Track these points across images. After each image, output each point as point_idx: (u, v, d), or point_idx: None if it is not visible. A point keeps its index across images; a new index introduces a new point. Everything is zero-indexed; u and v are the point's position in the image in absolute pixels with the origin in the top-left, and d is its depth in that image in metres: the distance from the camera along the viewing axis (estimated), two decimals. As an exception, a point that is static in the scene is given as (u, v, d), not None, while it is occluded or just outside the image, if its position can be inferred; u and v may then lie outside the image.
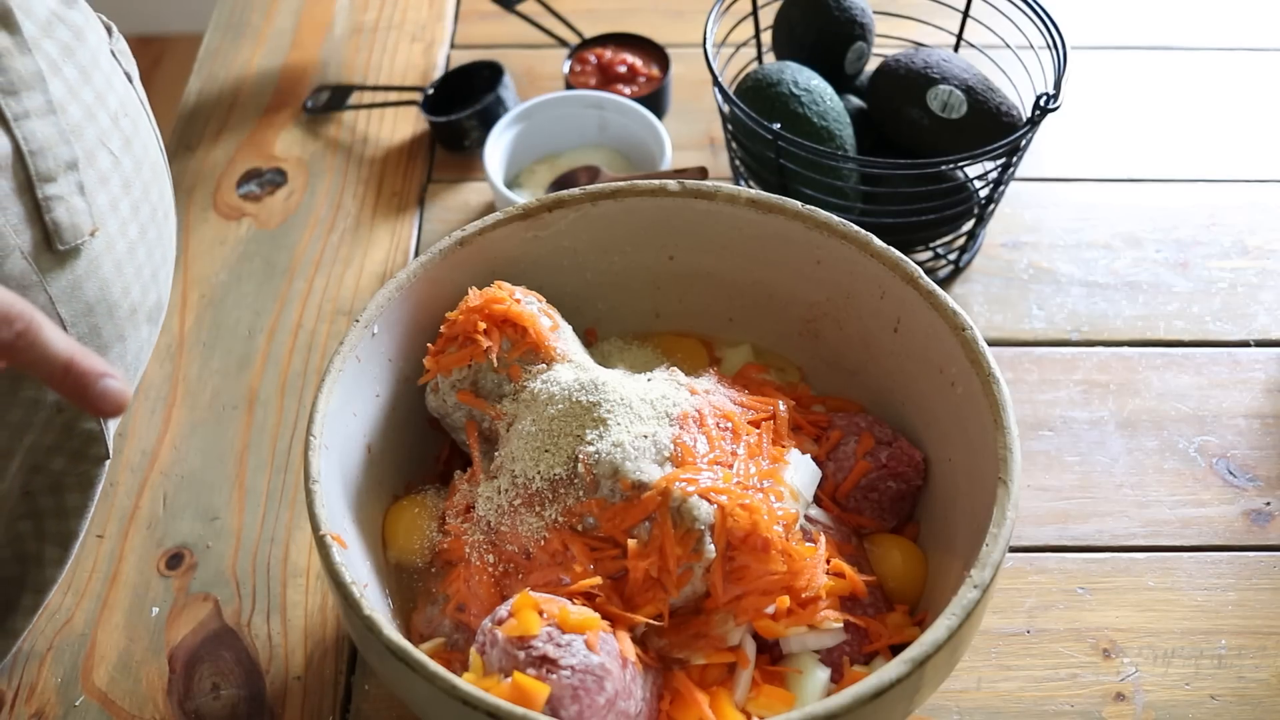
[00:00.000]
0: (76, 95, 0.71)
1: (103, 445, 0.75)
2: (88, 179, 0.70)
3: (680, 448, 0.70)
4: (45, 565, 0.77)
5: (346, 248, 1.09)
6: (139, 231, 0.75)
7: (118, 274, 0.73)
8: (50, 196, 0.68)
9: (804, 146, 0.93)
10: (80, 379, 0.53)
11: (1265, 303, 1.05)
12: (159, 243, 0.78)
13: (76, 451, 0.75)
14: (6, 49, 0.66)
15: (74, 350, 0.53)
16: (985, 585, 0.62)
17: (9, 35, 0.66)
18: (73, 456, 0.75)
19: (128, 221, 0.74)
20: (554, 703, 0.60)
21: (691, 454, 0.70)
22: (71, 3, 0.73)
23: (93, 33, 0.75)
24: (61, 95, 0.69)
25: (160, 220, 0.79)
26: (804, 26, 1.06)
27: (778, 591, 0.68)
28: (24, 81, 0.67)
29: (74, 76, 0.71)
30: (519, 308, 0.76)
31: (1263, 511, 0.90)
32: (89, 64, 0.72)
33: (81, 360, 0.53)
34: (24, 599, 0.78)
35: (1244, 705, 0.79)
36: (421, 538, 0.76)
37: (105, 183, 0.72)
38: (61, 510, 0.76)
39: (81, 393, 0.54)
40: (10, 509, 0.74)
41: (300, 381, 0.98)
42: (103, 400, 0.54)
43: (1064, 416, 0.96)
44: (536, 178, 1.13)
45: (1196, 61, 1.30)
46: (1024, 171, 1.15)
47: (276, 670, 0.80)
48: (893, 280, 0.77)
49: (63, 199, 0.68)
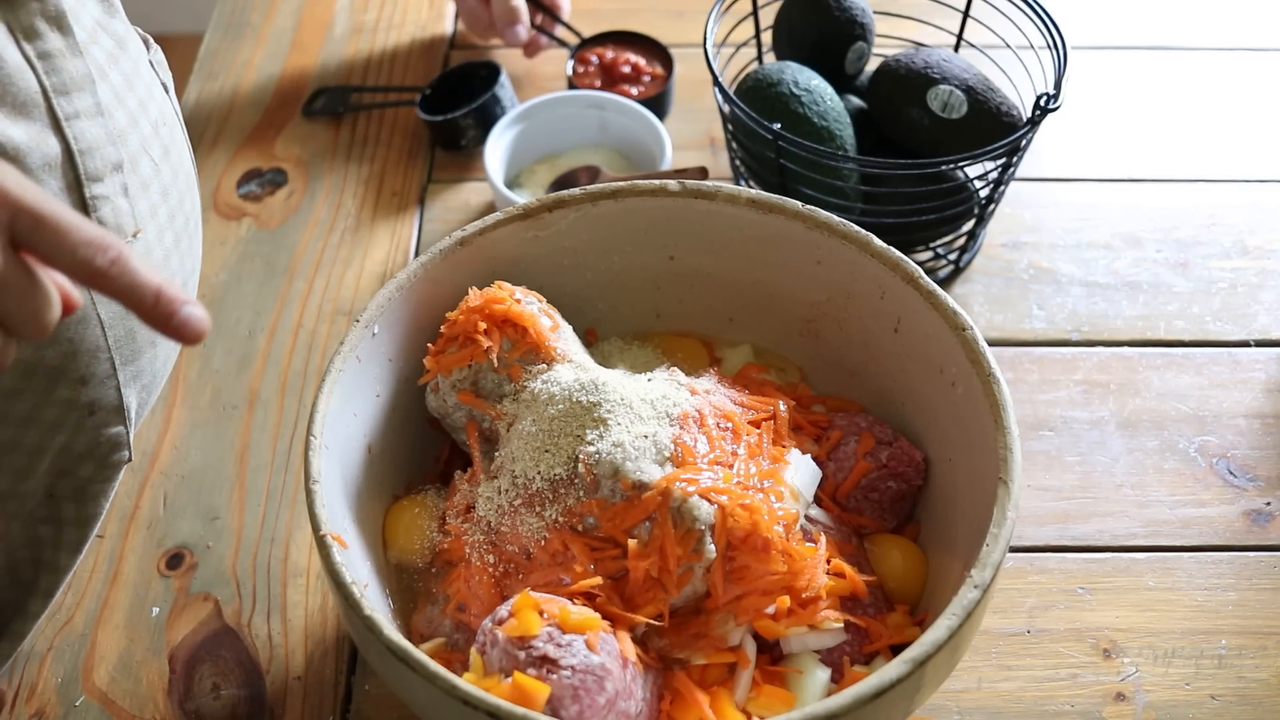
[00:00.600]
0: (122, 101, 0.72)
1: (125, 449, 0.76)
2: (131, 183, 0.71)
3: (680, 448, 0.70)
4: (59, 571, 0.78)
5: (346, 248, 1.09)
6: (174, 239, 0.76)
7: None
8: (97, 196, 0.69)
9: (804, 146, 0.93)
10: (168, 305, 0.55)
11: (1265, 303, 1.05)
12: (190, 252, 0.79)
13: (104, 458, 0.76)
14: (59, 50, 0.67)
15: (162, 279, 0.55)
16: (985, 585, 0.62)
17: (62, 37, 0.67)
18: (100, 463, 0.76)
19: (164, 229, 0.75)
20: (554, 703, 0.60)
21: (692, 454, 0.70)
22: (113, 12, 0.74)
23: (134, 43, 0.76)
24: (108, 99, 0.70)
25: (192, 231, 0.80)
26: (804, 26, 1.06)
27: (778, 591, 0.68)
28: (75, 83, 0.68)
29: (119, 82, 0.72)
30: (519, 308, 0.76)
31: (1263, 511, 0.90)
32: (131, 72, 0.74)
33: (169, 288, 0.55)
34: (33, 604, 0.78)
35: (1244, 705, 0.79)
36: (421, 538, 0.76)
37: (146, 188, 0.73)
38: (82, 518, 0.77)
39: (168, 319, 0.55)
40: (31, 510, 0.74)
41: (300, 381, 0.98)
42: (186, 326, 0.56)
43: (1064, 416, 0.96)
44: (536, 178, 1.13)
45: (1196, 61, 1.30)
46: (1024, 171, 1.15)
47: (276, 670, 0.80)
48: (893, 280, 0.77)
49: (109, 199, 0.70)
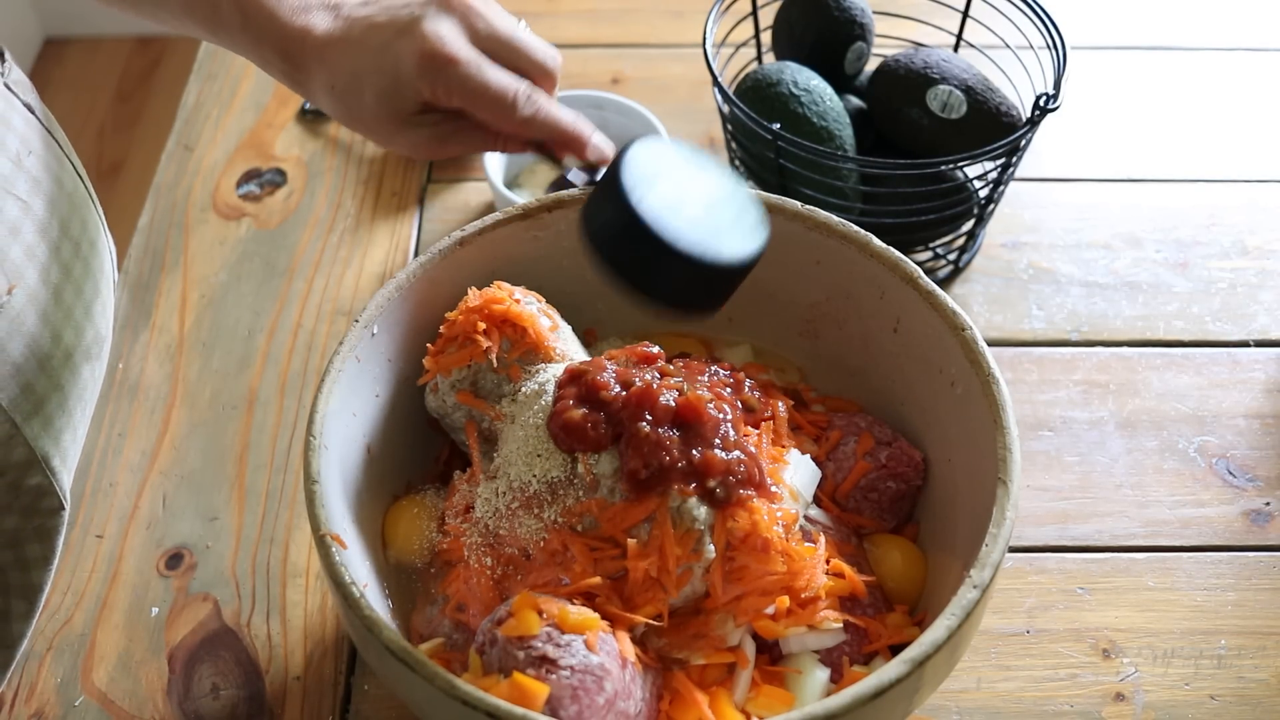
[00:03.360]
0: None
1: (55, 497, 0.73)
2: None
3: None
4: (12, 620, 0.75)
5: (346, 248, 1.09)
6: (62, 273, 0.72)
7: (44, 324, 0.70)
8: None
9: (804, 146, 0.93)
10: (582, 136, 0.76)
11: (1265, 303, 1.05)
12: (87, 276, 0.75)
13: (28, 507, 0.72)
14: None
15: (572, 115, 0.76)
16: (985, 585, 0.62)
17: None
18: (24, 512, 0.72)
19: (49, 265, 0.71)
20: (553, 703, 0.60)
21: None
22: None
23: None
24: None
25: (86, 253, 0.75)
26: (804, 26, 1.06)
27: (777, 592, 0.68)
28: None
29: None
30: (519, 308, 0.76)
31: (1262, 511, 0.90)
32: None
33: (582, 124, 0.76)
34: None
35: (1244, 705, 0.79)
36: (421, 538, 0.76)
37: (17, 233, 0.69)
38: (23, 562, 0.74)
39: (584, 147, 0.76)
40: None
41: (300, 381, 0.98)
42: (599, 151, 0.77)
43: (1064, 416, 0.96)
44: (536, 178, 1.13)
45: (1196, 61, 1.30)
46: (1024, 171, 1.15)
47: (276, 670, 0.80)
48: (892, 280, 0.77)
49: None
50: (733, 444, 0.68)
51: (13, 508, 0.72)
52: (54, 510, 0.74)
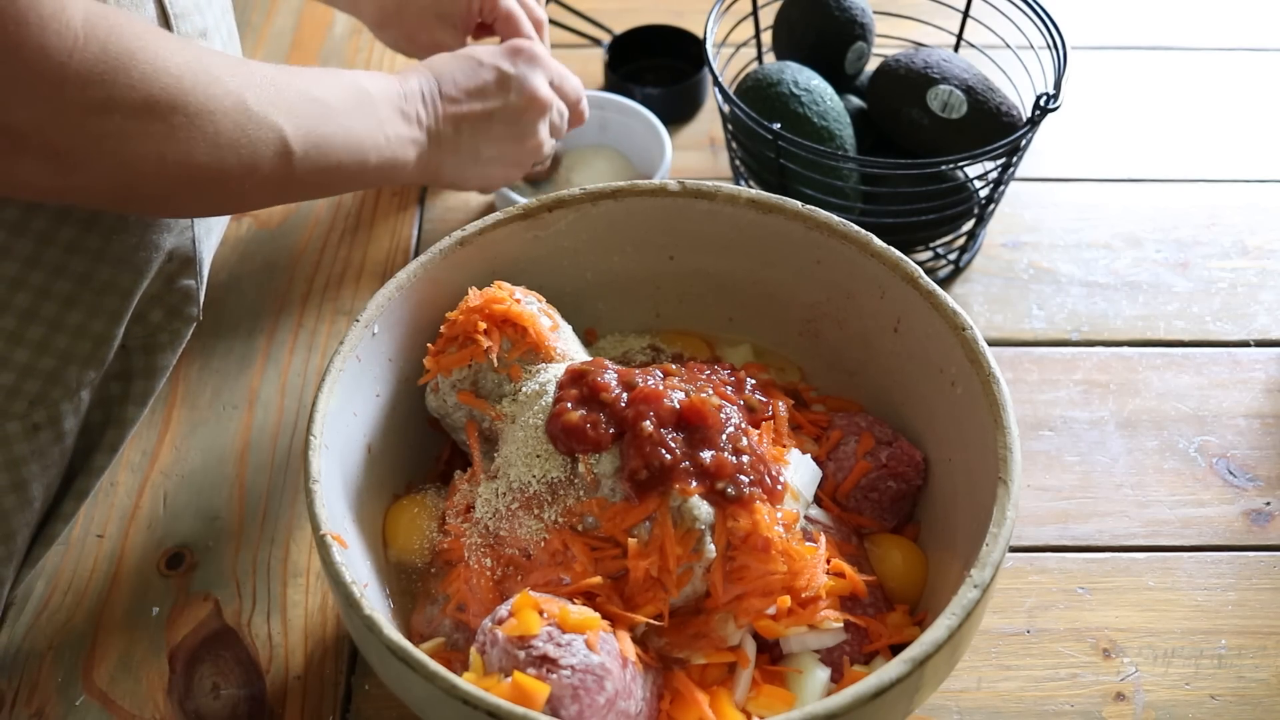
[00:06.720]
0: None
1: (195, 305, 0.78)
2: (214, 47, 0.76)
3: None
4: (125, 424, 0.79)
5: (346, 248, 1.09)
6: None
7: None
8: None
9: (804, 146, 0.93)
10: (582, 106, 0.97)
11: (1265, 303, 1.05)
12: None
13: (174, 308, 0.77)
14: None
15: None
16: (985, 585, 0.62)
17: None
18: (170, 312, 0.77)
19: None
20: (554, 702, 0.60)
21: (692, 454, 0.70)
22: None
23: None
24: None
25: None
26: (804, 26, 1.06)
27: (778, 591, 0.68)
28: None
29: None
30: (519, 308, 0.76)
31: (1263, 511, 0.90)
32: None
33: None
34: (98, 459, 0.79)
35: (1244, 705, 0.79)
36: (421, 538, 0.76)
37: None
38: (151, 369, 0.78)
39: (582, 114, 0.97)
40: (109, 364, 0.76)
41: (300, 381, 0.98)
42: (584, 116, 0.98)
43: (1064, 416, 0.96)
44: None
45: (1196, 61, 1.30)
46: (1024, 171, 1.15)
47: (276, 670, 0.80)
48: (893, 280, 0.77)
49: None
50: (744, 447, 0.69)
51: (163, 301, 0.77)
52: (190, 319, 0.79)
